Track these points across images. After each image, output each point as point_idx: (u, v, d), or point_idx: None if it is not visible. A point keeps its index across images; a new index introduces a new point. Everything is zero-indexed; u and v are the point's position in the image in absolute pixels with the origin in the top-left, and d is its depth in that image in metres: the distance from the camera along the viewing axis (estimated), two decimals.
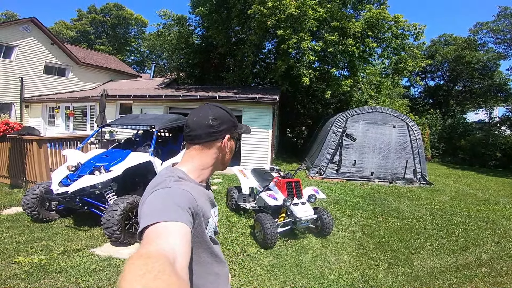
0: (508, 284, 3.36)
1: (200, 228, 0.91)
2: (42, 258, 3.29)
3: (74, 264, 3.23)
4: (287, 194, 4.31)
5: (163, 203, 0.80)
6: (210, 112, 1.05)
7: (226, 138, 1.07)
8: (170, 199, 0.82)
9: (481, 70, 21.66)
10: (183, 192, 0.86)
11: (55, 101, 13.48)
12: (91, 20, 33.46)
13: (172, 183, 0.91)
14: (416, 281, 3.37)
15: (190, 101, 10.61)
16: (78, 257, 3.41)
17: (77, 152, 5.23)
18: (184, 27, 15.14)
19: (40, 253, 3.43)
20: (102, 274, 3.07)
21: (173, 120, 6.02)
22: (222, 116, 1.08)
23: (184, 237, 0.70)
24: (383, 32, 11.95)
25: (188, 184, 0.95)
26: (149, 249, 0.62)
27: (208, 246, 0.97)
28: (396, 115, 9.19)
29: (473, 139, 15.83)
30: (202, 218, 0.91)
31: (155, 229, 0.70)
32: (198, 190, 0.98)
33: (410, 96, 25.05)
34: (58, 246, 3.66)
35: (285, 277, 3.29)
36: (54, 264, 3.20)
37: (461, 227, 5.36)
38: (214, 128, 1.04)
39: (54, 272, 3.05)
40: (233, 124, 1.11)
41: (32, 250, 3.51)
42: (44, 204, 4.42)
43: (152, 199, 0.84)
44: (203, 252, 0.95)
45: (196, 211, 0.86)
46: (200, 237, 0.92)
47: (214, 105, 1.10)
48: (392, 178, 9.12)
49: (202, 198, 0.97)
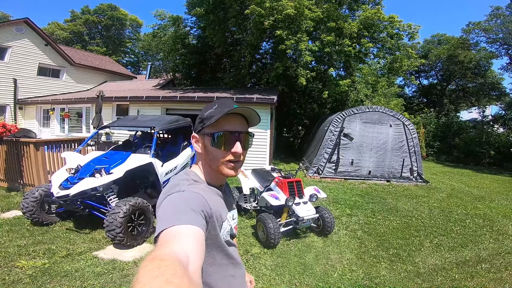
0: (509, 279, 3.42)
1: (214, 230, 0.91)
2: (45, 261, 3.27)
3: (78, 268, 3.21)
4: (288, 194, 4.34)
5: (176, 207, 0.81)
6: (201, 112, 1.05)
7: (192, 138, 1.06)
8: (183, 202, 0.83)
9: (474, 69, 22.00)
10: (196, 195, 0.87)
11: (49, 103, 13.33)
12: (85, 20, 33.14)
13: (185, 186, 0.92)
14: (419, 277, 3.42)
15: (188, 102, 10.57)
16: (82, 260, 3.39)
17: (76, 154, 5.20)
18: (180, 28, 15.09)
19: (42, 257, 3.40)
20: (108, 277, 3.06)
21: (173, 121, 6.01)
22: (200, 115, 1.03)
23: (197, 240, 0.72)
24: (379, 32, 12.06)
25: (202, 187, 0.96)
26: (162, 252, 0.64)
27: (223, 249, 0.97)
28: (392, 114, 9.28)
29: (467, 137, 16.03)
30: (215, 221, 0.91)
31: (168, 233, 0.71)
32: (211, 193, 0.98)
33: (404, 95, 25.32)
34: (60, 249, 3.63)
35: (290, 276, 3.31)
36: (58, 268, 3.18)
37: (459, 224, 5.44)
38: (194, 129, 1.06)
39: (59, 276, 3.03)
40: (199, 119, 1.02)
41: (34, 253, 3.48)
42: (43, 207, 4.39)
43: (166, 203, 0.85)
44: (218, 254, 0.96)
45: (209, 214, 0.87)
46: (214, 239, 0.92)
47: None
48: (389, 176, 9.21)
49: (216, 201, 0.97)
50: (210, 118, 0.97)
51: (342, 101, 14.05)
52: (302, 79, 10.72)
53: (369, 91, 14.70)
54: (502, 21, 16.33)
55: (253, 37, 11.69)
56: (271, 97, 9.98)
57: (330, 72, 12.19)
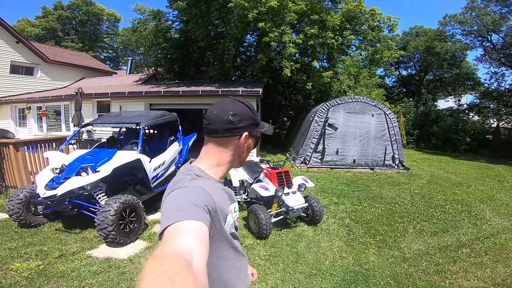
0: (489, 264, 3.60)
1: (219, 224, 0.91)
2: (39, 263, 3.21)
3: (74, 268, 3.17)
4: (278, 185, 4.43)
5: (180, 203, 0.81)
6: (231, 107, 1.02)
7: (244, 135, 1.03)
8: (186, 198, 0.83)
9: (450, 60, 22.79)
10: (199, 190, 0.87)
11: (25, 102, 12.75)
12: (58, 16, 31.51)
13: (188, 181, 0.91)
14: (405, 262, 3.59)
15: (172, 96, 10.40)
16: (76, 260, 3.35)
17: (59, 153, 5.05)
18: (161, 22, 14.72)
19: (35, 259, 3.34)
20: (105, 276, 3.04)
21: (158, 116, 5.94)
22: (243, 113, 1.04)
23: (201, 236, 0.71)
24: (360, 24, 12.26)
25: (205, 182, 0.95)
26: (166, 249, 0.64)
27: (228, 241, 0.97)
28: (374, 104, 9.54)
29: (444, 125, 16.67)
30: (220, 214, 0.91)
31: (172, 230, 0.71)
32: (215, 187, 0.98)
33: (385, 85, 25.93)
34: (52, 250, 3.57)
35: (284, 265, 3.41)
36: (53, 269, 3.14)
37: (439, 210, 5.68)
38: (233, 124, 1.01)
39: (55, 277, 3.00)
40: (254, 122, 1.07)
41: (26, 256, 3.41)
42: (30, 208, 4.27)
43: (170, 199, 0.85)
44: (224, 247, 0.96)
45: (214, 208, 0.86)
46: (220, 233, 0.92)
47: (237, 100, 1.07)
48: (373, 164, 9.52)
49: (219, 195, 0.97)
50: (260, 125, 1.12)
51: (326, 92, 14.25)
52: (287, 70, 10.78)
53: (351, 82, 14.99)
54: (477, 13, 16.80)
55: (237, 30, 11.60)
56: (256, 90, 10.00)
57: (314, 64, 12.31)
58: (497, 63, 18.37)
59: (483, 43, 18.76)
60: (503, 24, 16.29)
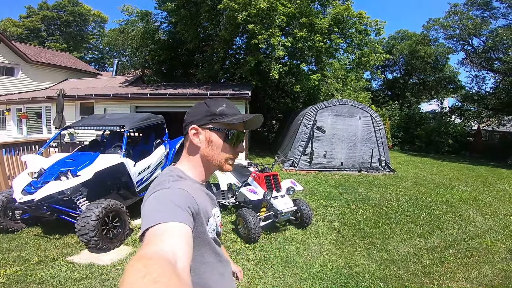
0: (476, 264, 3.64)
1: (202, 227, 0.90)
2: (16, 269, 3.07)
3: (53, 274, 3.03)
4: (266, 188, 4.37)
5: (162, 204, 0.78)
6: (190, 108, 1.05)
7: (190, 128, 0.98)
8: (169, 199, 0.80)
9: (433, 64, 23.46)
10: (182, 192, 0.85)
11: (4, 103, 12.29)
12: (43, 16, 30.64)
13: (170, 183, 0.89)
14: (394, 264, 3.60)
15: (159, 99, 10.23)
16: (56, 266, 3.21)
17: (37, 157, 4.84)
18: (149, 23, 14.55)
19: (13, 264, 3.19)
20: (87, 282, 2.92)
21: (144, 119, 5.79)
22: (195, 108, 1.02)
23: (184, 238, 0.69)
24: (348, 28, 12.46)
25: (187, 183, 0.93)
26: (149, 250, 0.61)
27: (210, 246, 0.95)
28: (361, 107, 9.66)
29: (428, 128, 17.07)
30: (202, 217, 0.90)
31: (154, 231, 0.69)
32: (197, 189, 0.96)
33: (371, 89, 26.42)
34: (31, 256, 3.41)
35: (274, 269, 3.35)
36: (32, 275, 3.00)
37: (425, 211, 5.75)
38: (184, 122, 1.02)
39: (34, 283, 2.86)
40: (207, 113, 0.99)
41: (4, 262, 3.26)
42: (7, 213, 4.07)
43: (152, 200, 0.82)
44: (206, 252, 0.94)
45: (196, 211, 0.85)
46: (202, 236, 0.91)
47: (203, 101, 1.04)
48: (360, 167, 9.61)
49: (202, 197, 0.96)
50: (224, 116, 0.98)
51: (314, 95, 14.37)
52: (275, 72, 10.80)
53: (339, 85, 15.16)
54: (459, 17, 17.22)
55: (226, 32, 11.56)
56: (245, 92, 9.95)
57: (302, 67, 12.39)
58: (478, 66, 18.87)
59: (464, 47, 19.30)
60: (484, 28, 16.78)
